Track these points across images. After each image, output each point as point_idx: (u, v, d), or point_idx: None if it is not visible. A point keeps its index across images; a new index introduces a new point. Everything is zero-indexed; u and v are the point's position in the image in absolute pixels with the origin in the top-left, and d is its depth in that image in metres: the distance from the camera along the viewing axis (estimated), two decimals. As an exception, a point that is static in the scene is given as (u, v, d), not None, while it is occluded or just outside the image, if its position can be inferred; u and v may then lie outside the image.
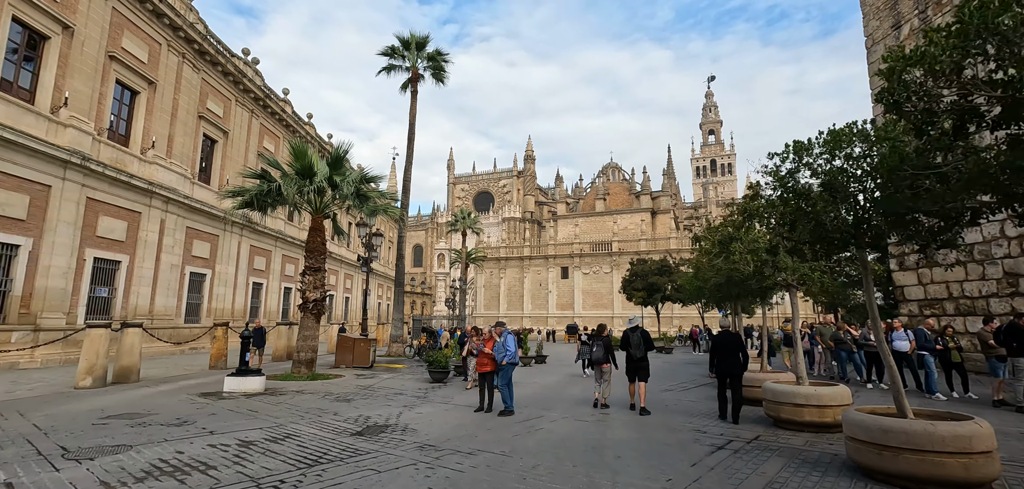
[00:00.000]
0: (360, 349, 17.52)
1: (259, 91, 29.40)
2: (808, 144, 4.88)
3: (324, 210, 15.30)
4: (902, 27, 18.46)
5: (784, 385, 7.34)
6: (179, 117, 23.15)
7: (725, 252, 7.53)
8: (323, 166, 14.44)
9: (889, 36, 19.00)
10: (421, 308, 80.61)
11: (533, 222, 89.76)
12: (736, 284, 8.30)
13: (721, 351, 8.42)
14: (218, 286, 25.57)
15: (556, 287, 66.15)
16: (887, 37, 19.12)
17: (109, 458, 5.52)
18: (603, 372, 9.53)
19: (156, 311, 21.11)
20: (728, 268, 7.51)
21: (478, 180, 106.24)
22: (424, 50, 28.45)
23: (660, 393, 11.93)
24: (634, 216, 71.03)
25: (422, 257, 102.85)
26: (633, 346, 9.34)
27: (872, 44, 19.87)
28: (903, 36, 18.38)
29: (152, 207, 20.96)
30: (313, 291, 14.55)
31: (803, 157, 4.77)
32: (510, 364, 8.46)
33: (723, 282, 8.62)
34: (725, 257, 7.53)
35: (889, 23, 19.07)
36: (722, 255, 7.54)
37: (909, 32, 18.12)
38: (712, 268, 9.25)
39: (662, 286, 41.74)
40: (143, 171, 20.67)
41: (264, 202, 13.98)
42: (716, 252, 7.66)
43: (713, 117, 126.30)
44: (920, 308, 16.70)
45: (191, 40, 23.60)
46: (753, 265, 6.79)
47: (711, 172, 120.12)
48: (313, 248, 14.89)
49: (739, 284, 8.33)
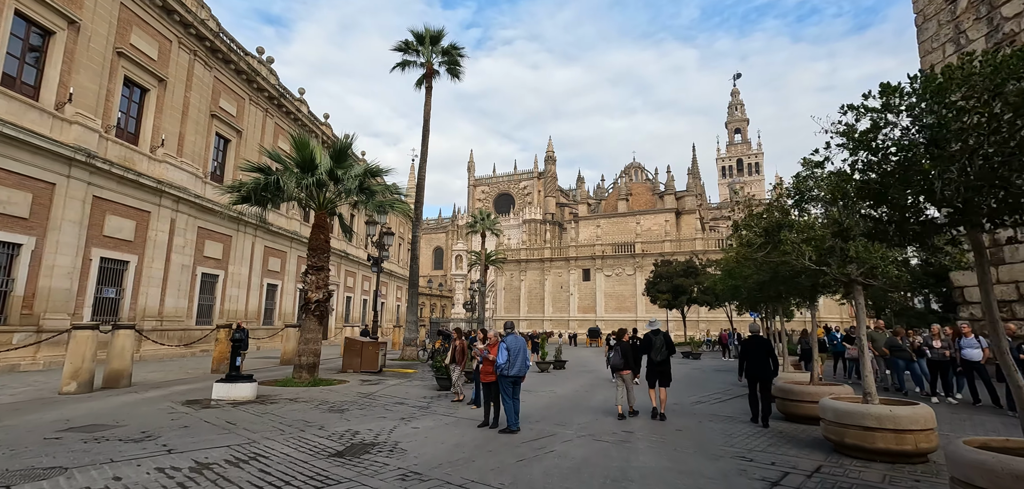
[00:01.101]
0: (368, 353, 16.65)
1: (273, 90, 29.04)
2: (900, 89, 3.64)
3: (328, 206, 14.47)
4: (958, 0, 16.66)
5: (848, 403, 6.01)
6: (190, 115, 22.79)
7: (771, 243, 6.27)
8: (325, 159, 13.60)
9: (943, 11, 17.20)
10: (441, 311, 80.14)
11: (554, 224, 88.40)
12: (783, 281, 7.00)
13: (751, 356, 8.51)
14: (231, 287, 25.15)
15: (577, 289, 64.66)
16: (940, 13, 17.31)
17: (28, 487, 4.61)
18: (624, 379, 9.11)
19: (166, 313, 20.70)
20: (777, 261, 6.26)
21: (498, 182, 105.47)
22: (438, 45, 27.55)
23: (692, 405, 10.61)
24: (658, 217, 69.00)
25: (443, 259, 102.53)
26: (655, 350, 9.07)
27: (923, 21, 18.07)
28: (960, 10, 16.57)
29: (162, 206, 20.58)
30: (316, 291, 13.71)
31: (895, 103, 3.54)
32: (506, 377, 7.33)
33: (767, 279, 7.30)
34: (771, 248, 6.28)
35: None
36: (768, 247, 6.29)
37: (967, 5, 16.32)
38: (751, 263, 7.96)
39: (688, 288, 39.93)
40: (152, 170, 20.29)
41: (263, 197, 13.20)
42: (760, 243, 6.41)
43: (739, 116, 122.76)
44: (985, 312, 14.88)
45: (202, 37, 23.25)
46: (814, 256, 5.51)
47: (738, 172, 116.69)
48: (316, 246, 14.06)
49: (787, 281, 7.04)
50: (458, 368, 10.81)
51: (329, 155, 14.03)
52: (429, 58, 27.54)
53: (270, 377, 13.95)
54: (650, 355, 9.10)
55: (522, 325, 64.18)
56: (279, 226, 28.95)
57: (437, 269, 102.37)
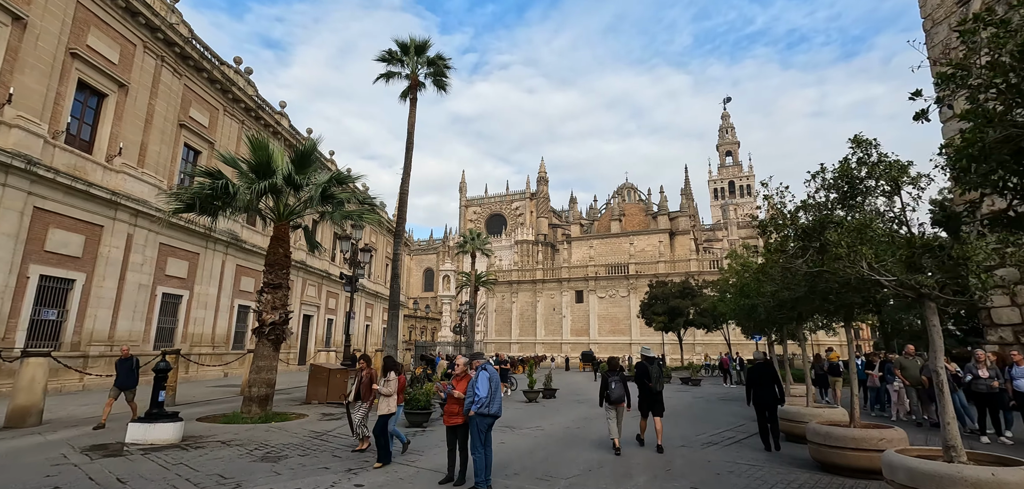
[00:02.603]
0: (336, 382, 14.93)
1: (251, 101, 27.66)
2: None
3: (289, 217, 12.92)
4: (971, 1, 15.67)
5: (931, 464, 4.45)
6: (155, 124, 21.27)
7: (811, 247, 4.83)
8: (284, 163, 12.10)
9: (954, 14, 16.21)
10: (431, 334, 77.94)
11: (546, 245, 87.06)
12: (822, 296, 5.53)
13: (758, 384, 8.62)
14: (197, 309, 23.33)
15: (570, 311, 62.98)
16: (951, 15, 16.33)
17: None
18: (619, 411, 8.49)
19: (118, 336, 18.84)
20: (817, 270, 4.82)
21: (490, 202, 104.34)
22: (424, 55, 26.33)
23: (703, 446, 9.03)
24: (651, 237, 67.84)
25: (433, 281, 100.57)
26: (653, 379, 8.71)
27: (931, 26, 17.08)
28: (971, 13, 15.55)
29: (117, 220, 18.89)
30: (271, 312, 12.07)
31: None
32: (483, 417, 5.76)
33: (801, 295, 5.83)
34: (810, 254, 4.85)
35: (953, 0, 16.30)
36: (807, 252, 4.87)
37: (981, 7, 15.31)
38: (778, 275, 6.50)
39: (685, 310, 38.50)
40: (108, 180, 18.66)
41: (211, 205, 11.63)
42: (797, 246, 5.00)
43: (730, 138, 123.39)
44: (1016, 334, 13.51)
45: (171, 43, 21.89)
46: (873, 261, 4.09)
47: (730, 194, 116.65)
48: (274, 261, 12.47)
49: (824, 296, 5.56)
50: (363, 406, 8.30)
51: (290, 159, 12.54)
52: (414, 69, 26.31)
53: (216, 411, 12.20)
54: (646, 384, 8.74)
55: (514, 348, 62.17)
56: (254, 244, 27.24)
57: (428, 291, 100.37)
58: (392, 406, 7.37)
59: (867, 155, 4.61)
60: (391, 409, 7.33)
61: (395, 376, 7.57)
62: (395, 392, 7.46)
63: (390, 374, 7.56)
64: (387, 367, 7.68)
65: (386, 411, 7.27)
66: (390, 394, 7.37)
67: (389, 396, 7.36)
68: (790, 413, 8.67)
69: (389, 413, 7.28)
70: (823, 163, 4.98)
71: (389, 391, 7.37)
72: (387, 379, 7.51)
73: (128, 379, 9.82)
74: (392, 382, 7.47)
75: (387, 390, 7.37)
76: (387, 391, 7.37)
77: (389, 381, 7.47)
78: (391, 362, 7.77)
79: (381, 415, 7.23)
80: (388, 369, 7.64)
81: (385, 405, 7.33)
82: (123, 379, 9.78)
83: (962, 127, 3.58)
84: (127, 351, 10.21)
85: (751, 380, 8.87)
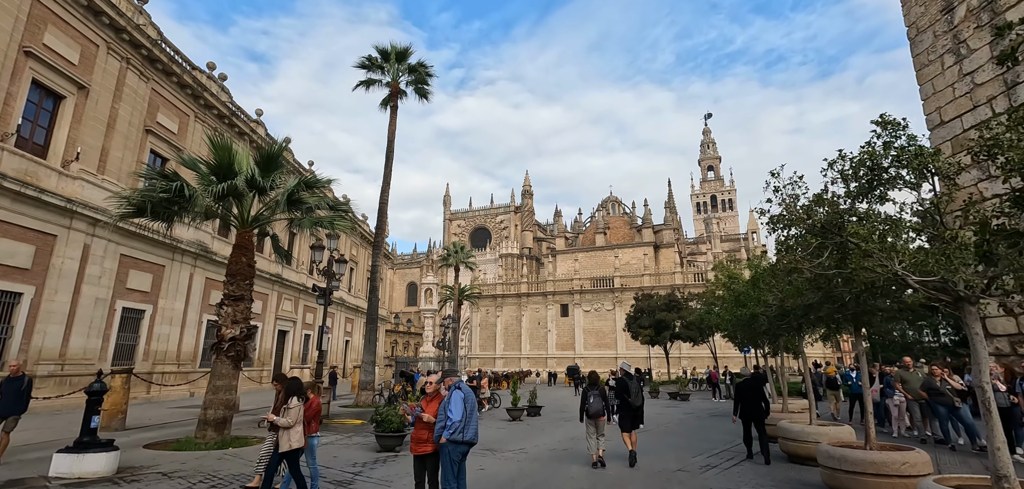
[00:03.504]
0: (304, 401, 13.86)
1: (224, 108, 26.63)
2: None
3: (254, 223, 12.01)
4: (955, 9, 15.62)
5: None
6: (118, 129, 20.14)
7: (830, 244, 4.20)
8: (248, 164, 11.23)
9: (938, 22, 16.16)
10: (414, 349, 76.36)
11: (531, 259, 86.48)
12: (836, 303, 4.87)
13: (746, 398, 9.02)
14: (161, 325, 22.00)
15: (556, 325, 62.23)
16: (935, 24, 16.28)
17: None
18: (599, 425, 8.60)
19: (70, 354, 17.51)
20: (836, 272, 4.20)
21: (475, 216, 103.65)
22: (405, 62, 25.76)
23: (700, 472, 8.30)
24: (636, 251, 67.73)
25: (417, 295, 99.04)
26: (633, 394, 8.94)
27: (916, 34, 17.03)
28: (958, 19, 15.52)
29: (73, 229, 17.66)
30: (231, 326, 11.11)
31: None
32: (453, 443, 4.99)
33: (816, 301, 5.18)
34: (830, 254, 4.22)
35: (937, 7, 16.25)
36: (827, 250, 4.24)
37: (966, 14, 15.27)
38: (782, 283, 5.87)
39: (671, 323, 38.07)
40: (63, 187, 17.47)
41: (164, 209, 10.67)
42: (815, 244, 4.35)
43: (712, 153, 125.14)
44: (1012, 345, 13.17)
45: (138, 45, 20.86)
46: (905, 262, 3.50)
47: (712, 208, 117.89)
48: (236, 271, 11.54)
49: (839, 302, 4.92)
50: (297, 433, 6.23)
51: (256, 161, 11.68)
52: (395, 76, 25.69)
53: (169, 436, 11.12)
54: (628, 399, 8.86)
55: (498, 364, 61.09)
56: (225, 255, 25.84)
57: (411, 305, 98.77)
58: (295, 440, 5.84)
59: (894, 137, 4.03)
60: (294, 444, 5.82)
61: (298, 402, 6.03)
62: (299, 422, 5.93)
63: (292, 400, 6.00)
64: (289, 391, 6.11)
65: (287, 447, 5.78)
66: (289, 425, 5.81)
67: (289, 428, 5.81)
68: (793, 432, 8.05)
69: (293, 449, 5.83)
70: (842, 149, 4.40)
71: (288, 422, 5.81)
72: (287, 406, 5.96)
73: (12, 404, 7.99)
74: (294, 410, 5.91)
75: (285, 421, 5.81)
76: (285, 422, 5.80)
77: (289, 409, 5.92)
78: (295, 385, 6.21)
79: (281, 452, 5.83)
80: (291, 394, 6.07)
81: (285, 440, 5.79)
82: (6, 404, 7.95)
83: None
84: (17, 368, 8.62)
85: (739, 395, 9.25)
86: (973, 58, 14.83)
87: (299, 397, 6.08)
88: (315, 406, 6.52)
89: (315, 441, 6.63)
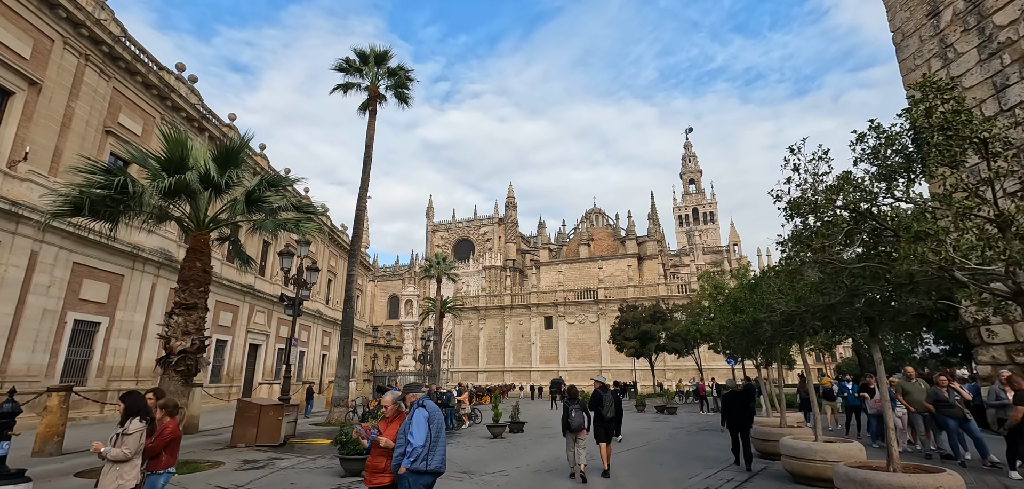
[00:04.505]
0: (267, 421, 12.79)
1: (193, 111, 25.40)
2: None
3: (211, 225, 11.01)
4: (941, 13, 15.49)
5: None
6: (74, 128, 18.88)
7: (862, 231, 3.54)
8: (204, 160, 10.28)
9: (925, 26, 16.02)
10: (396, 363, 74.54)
11: (515, 270, 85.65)
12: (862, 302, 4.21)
13: (733, 408, 9.66)
14: (118, 338, 20.54)
15: (539, 338, 61.34)
16: (921, 28, 16.15)
17: None
18: (580, 438, 8.76)
19: (12, 370, 16.06)
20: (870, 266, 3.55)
21: (458, 228, 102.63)
22: (384, 65, 24.94)
23: (697, 493, 7.54)
24: (620, 262, 67.46)
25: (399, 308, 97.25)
26: (606, 407, 9.21)
27: (902, 39, 16.89)
28: (944, 23, 15.38)
29: (18, 235, 16.32)
30: (181, 338, 10.03)
31: None
32: (415, 473, 4.06)
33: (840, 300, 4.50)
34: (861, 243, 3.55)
35: (923, 12, 16.13)
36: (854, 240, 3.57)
37: (952, 18, 15.13)
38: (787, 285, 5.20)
39: (656, 334, 37.54)
40: (8, 188, 16.15)
41: (107, 208, 9.62)
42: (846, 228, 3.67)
43: (693, 167, 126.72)
44: (1009, 354, 12.79)
45: (98, 41, 19.68)
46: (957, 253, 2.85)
47: (694, 220, 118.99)
48: (189, 277, 10.49)
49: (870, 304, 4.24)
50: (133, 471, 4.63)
51: (213, 158, 10.72)
52: (374, 80, 24.84)
53: (109, 461, 9.96)
54: (601, 412, 9.16)
55: (481, 377, 59.82)
56: (191, 265, 24.60)
57: (393, 318, 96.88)
58: (128, 479, 4.46)
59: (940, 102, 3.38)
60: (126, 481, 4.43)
61: (140, 425, 4.61)
62: (138, 451, 4.59)
63: (130, 423, 4.61)
64: (129, 411, 4.68)
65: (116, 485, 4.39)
66: (122, 458, 4.44)
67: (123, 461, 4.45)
68: (799, 450, 7.37)
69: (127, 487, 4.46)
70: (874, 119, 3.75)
71: (120, 454, 4.44)
72: (124, 430, 4.57)
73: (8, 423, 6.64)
74: (132, 437, 4.52)
75: (117, 452, 4.43)
76: (116, 453, 4.43)
77: (127, 436, 4.52)
78: (135, 403, 4.70)
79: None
80: (130, 414, 4.66)
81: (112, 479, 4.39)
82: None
83: None
84: None
85: (726, 406, 9.95)
86: (960, 61, 14.67)
87: (142, 418, 4.60)
88: (168, 432, 5.02)
89: (162, 480, 5.00)
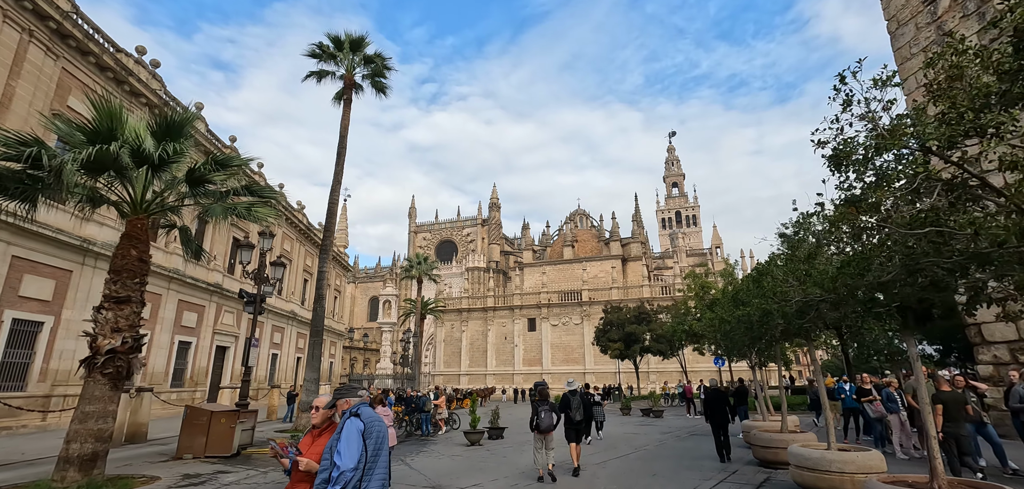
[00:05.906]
0: (218, 430, 11.52)
1: (154, 96, 23.80)
2: None
3: (149, 209, 9.75)
4: (938, 1, 14.98)
5: None
6: (15, 110, 17.30)
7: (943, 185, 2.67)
8: (139, 134, 9.04)
9: (921, 13, 15.51)
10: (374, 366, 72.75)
11: (498, 272, 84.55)
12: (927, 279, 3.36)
13: (713, 406, 10.59)
14: (65, 340, 18.91)
15: (523, 340, 60.32)
16: (917, 15, 15.64)
17: None
18: (548, 440, 9.00)
19: (-65, 375, 14.45)
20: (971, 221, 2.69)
21: (441, 229, 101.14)
22: (360, 52, 23.73)
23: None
24: (604, 264, 66.88)
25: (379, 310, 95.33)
26: (573, 409, 9.49)
27: (897, 27, 16.37)
28: (941, 9, 14.87)
29: (-56, 224, 14.73)
30: (110, 335, 8.77)
31: None
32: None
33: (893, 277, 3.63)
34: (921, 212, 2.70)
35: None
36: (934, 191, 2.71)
37: (950, 3, 14.62)
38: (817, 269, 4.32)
39: (640, 336, 36.85)
40: (-67, 173, 14.53)
41: (21, 186, 8.33)
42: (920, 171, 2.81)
43: (676, 171, 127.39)
44: (1012, 353, 12.20)
45: (45, 16, 18.14)
46: None
47: (677, 223, 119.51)
48: (122, 267, 9.23)
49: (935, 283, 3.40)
50: None
51: (151, 131, 9.49)
52: (350, 67, 23.56)
53: (32, 475, 8.65)
54: (569, 413, 9.47)
55: (463, 380, 58.54)
56: (156, 264, 23.02)
57: (373, 320, 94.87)
58: None
59: None
60: None
61: None
62: None
63: None
64: None
65: None
66: None
67: None
68: (812, 460, 6.48)
69: None
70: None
71: None
72: None
73: None
74: None
75: None
76: None
77: None
78: None
79: None
80: None
81: None
82: None
83: None
84: None
85: (707, 405, 10.92)
86: (958, 50, 14.15)
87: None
88: None
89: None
